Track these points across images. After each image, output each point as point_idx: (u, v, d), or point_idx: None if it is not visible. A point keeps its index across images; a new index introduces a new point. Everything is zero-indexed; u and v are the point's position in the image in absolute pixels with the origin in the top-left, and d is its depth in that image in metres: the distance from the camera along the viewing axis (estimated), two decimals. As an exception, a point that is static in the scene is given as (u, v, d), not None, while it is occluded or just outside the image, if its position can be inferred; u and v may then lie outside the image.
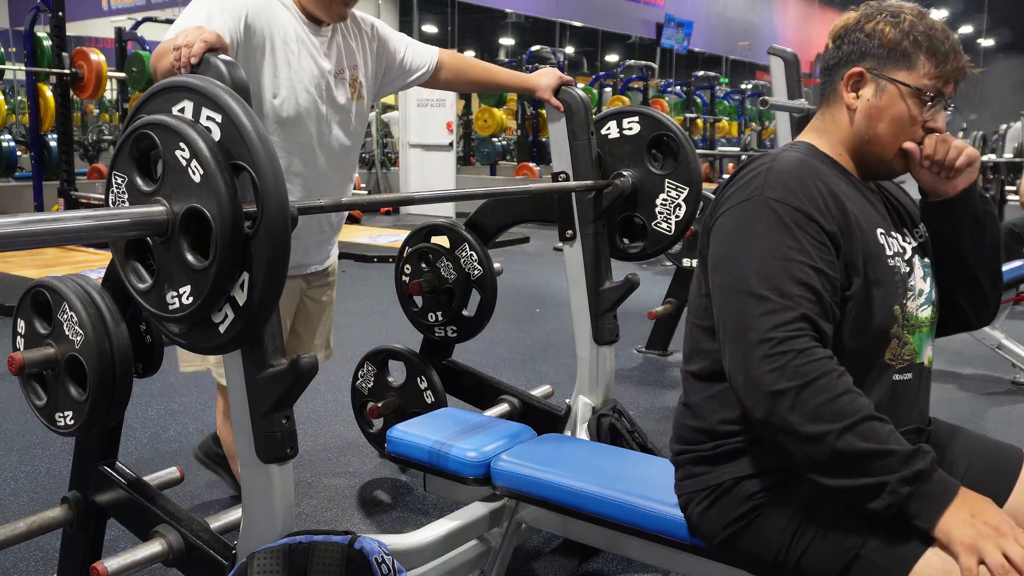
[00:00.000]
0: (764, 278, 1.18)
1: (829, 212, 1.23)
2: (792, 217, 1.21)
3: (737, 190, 1.28)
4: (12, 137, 7.74)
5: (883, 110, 1.30)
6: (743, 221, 1.25)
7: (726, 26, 22.44)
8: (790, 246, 1.19)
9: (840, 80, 1.33)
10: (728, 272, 1.24)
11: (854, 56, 1.31)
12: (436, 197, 2.00)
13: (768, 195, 1.23)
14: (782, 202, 1.22)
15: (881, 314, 1.27)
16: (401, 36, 2.08)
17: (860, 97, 1.31)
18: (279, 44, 1.80)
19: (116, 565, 1.47)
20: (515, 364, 3.93)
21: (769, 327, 1.15)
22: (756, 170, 1.29)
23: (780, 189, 1.23)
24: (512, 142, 12.38)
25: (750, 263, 1.21)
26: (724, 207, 1.29)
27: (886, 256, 1.29)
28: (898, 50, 1.28)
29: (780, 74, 3.35)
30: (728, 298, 1.22)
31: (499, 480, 1.76)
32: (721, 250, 1.27)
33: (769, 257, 1.19)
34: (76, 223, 1.15)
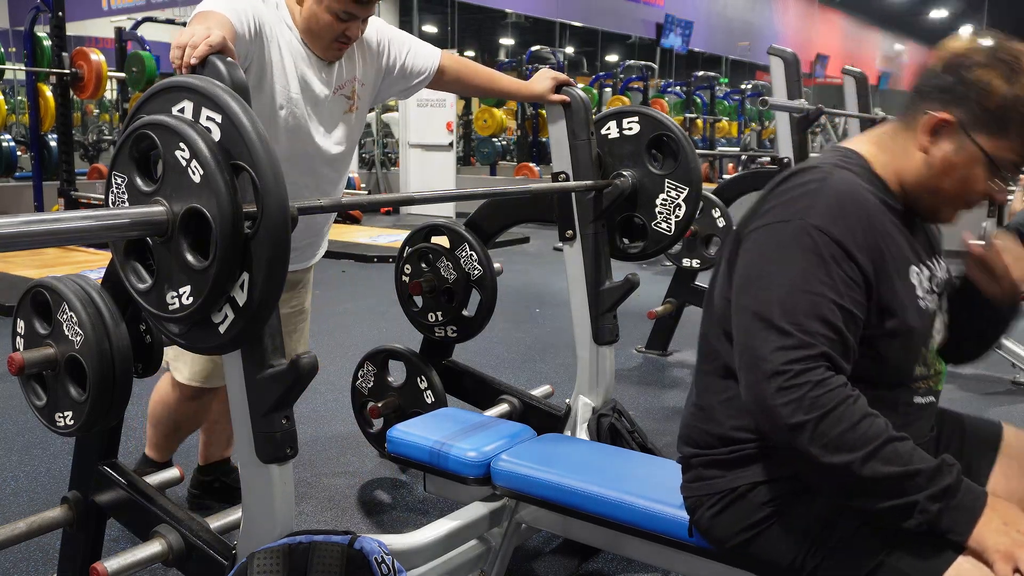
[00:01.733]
0: (789, 312, 1.15)
1: (867, 250, 1.18)
2: (830, 250, 1.16)
3: (779, 205, 1.23)
4: (12, 137, 7.74)
5: (955, 168, 1.23)
6: (779, 244, 1.20)
7: (726, 26, 22.43)
8: (822, 281, 1.15)
9: (923, 115, 1.23)
10: (754, 296, 1.20)
11: (948, 98, 1.21)
12: (436, 197, 2.01)
13: (810, 221, 1.18)
14: (823, 231, 1.17)
15: (908, 356, 1.26)
16: (404, 39, 2.06)
17: (937, 146, 1.23)
18: (287, 59, 1.81)
19: (116, 565, 1.47)
20: (515, 364, 3.93)
21: (785, 360, 1.13)
22: (804, 188, 1.22)
23: (823, 216, 1.18)
24: (512, 142, 12.38)
25: (777, 291, 1.17)
26: (762, 221, 1.23)
27: (917, 298, 1.25)
28: (997, 115, 1.18)
29: (780, 74, 3.35)
30: (750, 324, 1.19)
31: (499, 480, 1.76)
32: (751, 270, 1.23)
33: (798, 289, 1.16)
34: (76, 223, 1.15)
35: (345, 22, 1.79)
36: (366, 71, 1.98)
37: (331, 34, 1.81)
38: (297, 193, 1.89)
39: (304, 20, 1.81)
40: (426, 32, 20.09)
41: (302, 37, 1.84)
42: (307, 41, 1.84)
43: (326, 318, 4.75)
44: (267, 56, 1.79)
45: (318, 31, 1.81)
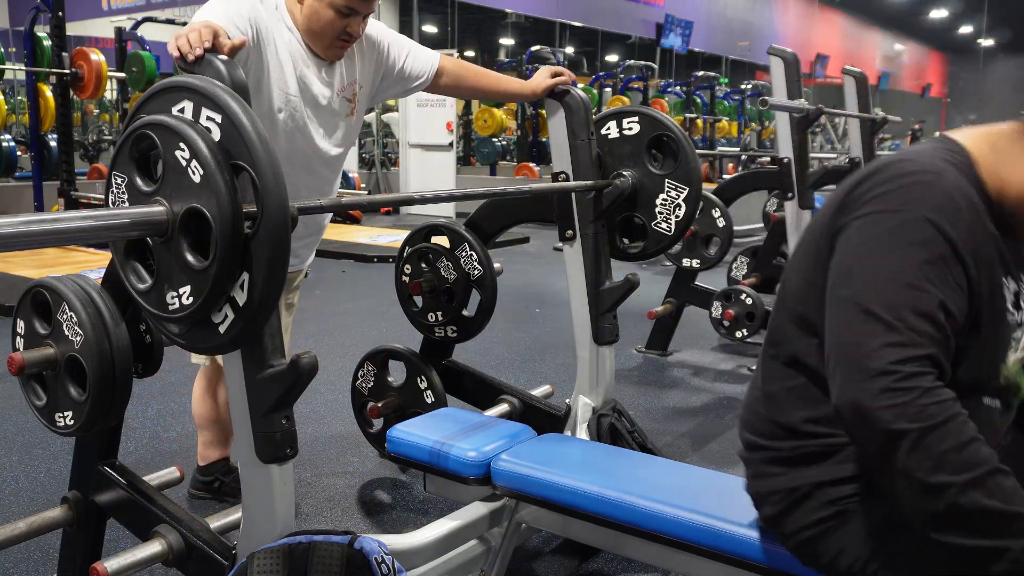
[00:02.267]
0: (897, 305, 1.06)
1: (973, 255, 1.11)
2: (941, 248, 1.09)
3: (886, 193, 1.13)
4: (12, 137, 7.74)
5: None
6: (888, 233, 1.11)
7: (726, 26, 22.43)
8: (932, 278, 1.07)
9: None
10: (856, 286, 1.11)
11: None
12: (436, 197, 2.01)
13: (927, 214, 1.10)
14: (937, 227, 1.09)
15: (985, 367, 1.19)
16: (403, 42, 2.07)
17: None
18: (285, 61, 1.81)
19: (116, 565, 1.47)
20: (515, 364, 3.93)
21: (894, 359, 1.04)
22: (915, 178, 1.13)
23: (940, 211, 1.10)
24: (512, 142, 12.38)
25: (885, 283, 1.09)
26: (866, 209, 1.14)
27: (1006, 311, 1.18)
28: None
29: (780, 74, 3.35)
30: (849, 315, 1.10)
31: (499, 480, 1.76)
32: (853, 259, 1.13)
33: (908, 283, 1.07)
34: (76, 223, 1.15)
35: (347, 17, 1.79)
36: (365, 73, 1.99)
37: (333, 31, 1.81)
38: (295, 194, 1.89)
39: (305, 19, 1.81)
40: (426, 32, 20.09)
41: (303, 38, 1.84)
42: (309, 41, 1.84)
43: (326, 318, 4.75)
44: (265, 59, 1.79)
45: (320, 29, 1.81)
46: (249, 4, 1.76)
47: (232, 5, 1.72)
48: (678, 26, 19.45)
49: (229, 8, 1.70)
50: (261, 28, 1.77)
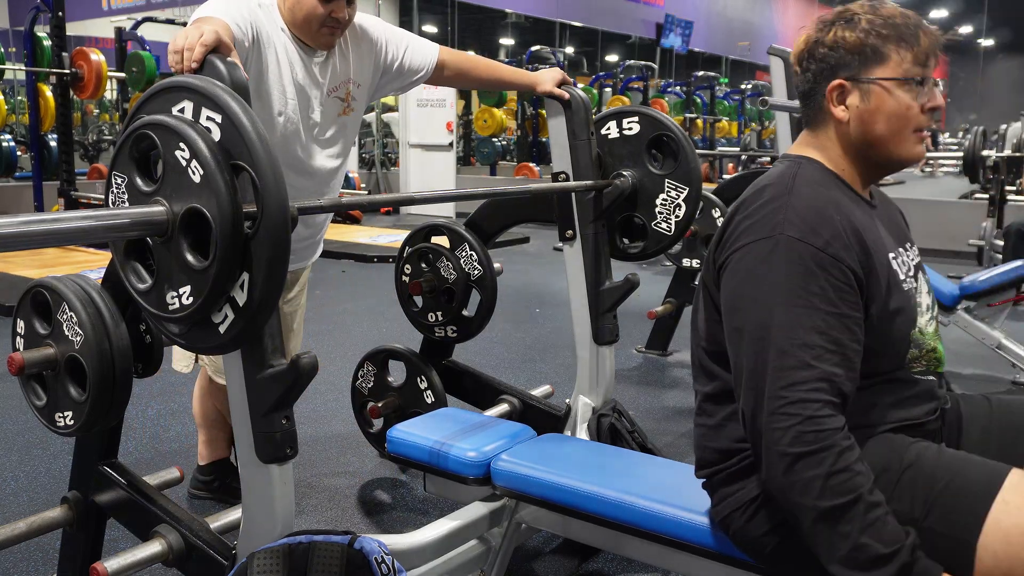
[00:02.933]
0: (784, 328, 1.15)
1: (852, 249, 1.19)
2: (816, 260, 1.16)
3: (753, 224, 1.22)
4: (12, 137, 7.74)
5: (875, 112, 1.26)
6: (762, 261, 1.19)
7: (726, 26, 22.43)
8: (813, 292, 1.15)
9: (823, 98, 1.29)
10: (746, 316, 1.20)
11: (827, 72, 1.28)
12: (436, 197, 2.01)
13: (789, 233, 1.18)
14: (805, 242, 1.17)
15: (900, 340, 1.26)
16: (401, 36, 2.06)
17: (848, 108, 1.27)
18: (283, 64, 1.81)
19: (116, 565, 1.47)
20: (515, 364, 3.93)
21: (784, 384, 1.13)
22: (772, 203, 1.22)
23: (802, 226, 1.18)
24: (512, 142, 12.38)
25: (770, 310, 1.16)
26: (739, 242, 1.23)
27: (901, 282, 1.26)
28: (866, 50, 1.25)
29: (780, 74, 3.35)
30: (746, 345, 1.19)
31: (499, 480, 1.76)
32: (738, 290, 1.22)
33: (791, 305, 1.15)
34: (76, 223, 1.15)
35: (329, 3, 1.78)
36: (362, 71, 1.98)
37: (317, 19, 1.80)
38: (296, 195, 1.90)
39: (289, 11, 1.81)
40: (426, 32, 20.08)
41: (293, 34, 1.84)
42: (297, 33, 1.83)
43: (326, 318, 4.75)
44: (264, 62, 1.79)
45: (304, 19, 1.80)
46: (248, 7, 1.75)
47: (232, 6, 1.71)
48: (678, 26, 19.45)
49: (230, 9, 1.70)
50: (260, 31, 1.77)
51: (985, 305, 3.58)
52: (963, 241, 6.04)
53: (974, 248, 5.83)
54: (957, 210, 7.79)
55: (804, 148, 1.35)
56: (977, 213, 6.49)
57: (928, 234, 7.25)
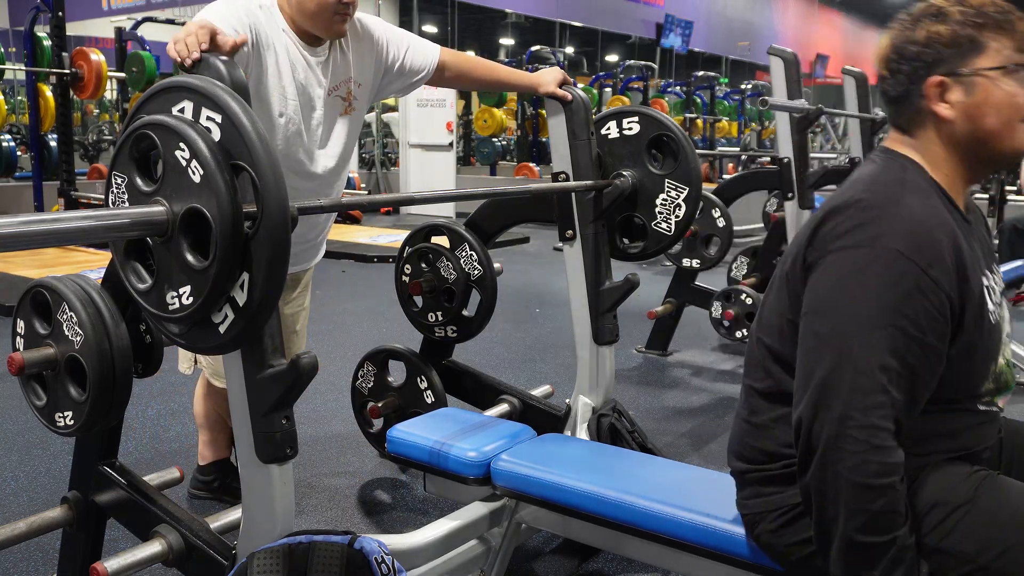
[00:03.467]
0: (868, 346, 1.10)
1: (951, 274, 1.13)
2: (916, 281, 1.10)
3: (855, 227, 1.16)
4: (12, 137, 7.74)
5: (983, 104, 1.19)
6: (859, 270, 1.13)
7: (726, 26, 22.43)
8: (905, 315, 1.10)
9: (921, 99, 1.22)
10: (829, 324, 1.15)
11: (923, 71, 1.20)
12: (436, 197, 2.01)
13: (893, 246, 1.12)
14: (908, 259, 1.11)
15: (979, 374, 1.22)
16: (402, 37, 2.06)
17: (953, 105, 1.20)
18: (284, 65, 1.81)
19: (116, 565, 1.47)
20: (515, 364, 3.93)
21: (857, 406, 1.10)
22: (877, 208, 1.16)
23: (907, 241, 1.12)
24: (512, 142, 12.37)
25: (857, 323, 1.12)
26: (836, 243, 1.17)
27: (989, 312, 1.20)
28: (963, 41, 1.18)
29: (780, 74, 3.35)
30: (823, 351, 1.14)
31: (499, 480, 1.76)
32: (827, 295, 1.16)
33: (880, 324, 1.10)
34: (76, 223, 1.15)
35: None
36: (363, 71, 1.98)
37: (330, 7, 1.79)
38: (298, 197, 1.90)
39: (298, 5, 1.80)
40: (426, 32, 20.08)
41: (300, 31, 1.83)
42: (307, 27, 1.83)
43: (326, 318, 4.75)
44: (264, 64, 1.78)
45: (317, 8, 1.79)
46: (248, 9, 1.75)
47: (231, 9, 1.71)
48: (678, 26, 19.45)
49: (228, 12, 1.70)
50: (260, 33, 1.77)
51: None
52: (963, 241, 6.03)
53: (974, 248, 5.82)
54: (957, 210, 7.77)
55: (904, 148, 1.27)
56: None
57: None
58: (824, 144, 15.86)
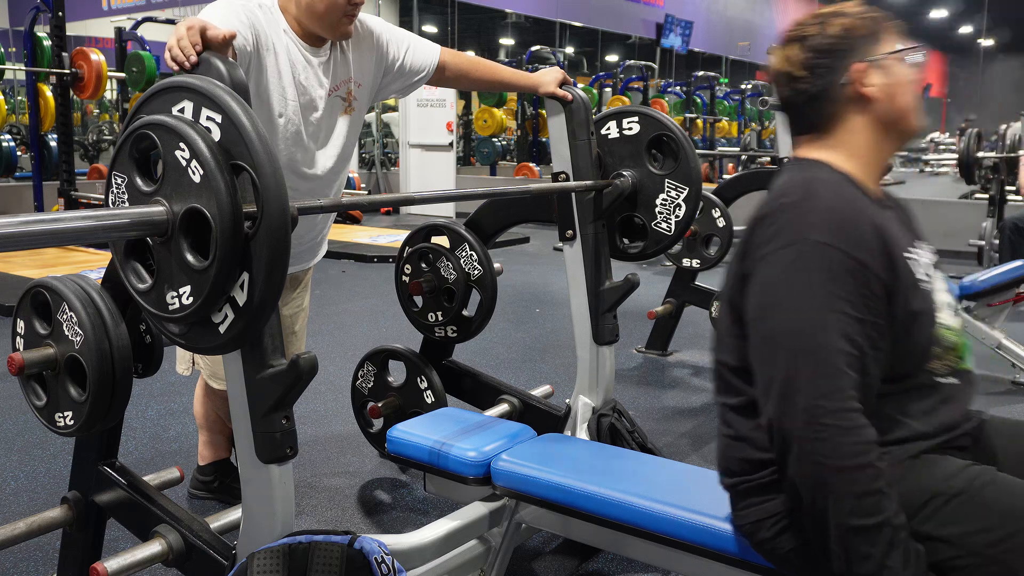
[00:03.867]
0: (817, 335, 1.14)
1: (876, 252, 1.18)
2: (844, 264, 1.16)
3: (776, 232, 1.22)
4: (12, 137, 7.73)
5: (895, 84, 1.29)
6: (789, 268, 1.19)
7: (726, 26, 22.42)
8: (842, 298, 1.15)
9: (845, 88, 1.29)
10: (776, 324, 1.19)
11: (843, 60, 1.28)
12: (436, 197, 2.00)
13: (816, 238, 1.17)
14: (831, 246, 1.16)
15: (923, 340, 1.25)
16: (403, 37, 2.05)
17: (877, 85, 1.28)
18: (284, 66, 1.81)
19: (116, 565, 1.47)
20: (515, 364, 3.93)
21: (821, 393, 1.13)
22: (793, 209, 1.22)
23: (826, 230, 1.18)
24: (512, 142, 12.37)
25: (801, 316, 1.16)
26: (764, 250, 1.22)
27: (919, 281, 1.25)
28: (869, 32, 1.29)
29: (780, 74, 3.34)
30: (776, 351, 1.18)
31: (499, 480, 1.76)
32: (766, 299, 1.21)
33: (822, 311, 1.15)
34: (76, 223, 1.15)
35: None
36: (363, 71, 1.98)
37: (340, 8, 1.79)
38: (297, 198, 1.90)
39: (307, 7, 1.80)
40: (426, 32, 20.08)
41: (303, 32, 1.83)
42: (313, 28, 1.83)
43: (326, 318, 4.75)
44: (264, 64, 1.78)
45: (325, 10, 1.79)
46: (247, 9, 1.75)
47: (232, 10, 1.71)
48: (678, 26, 19.44)
49: (228, 13, 1.70)
50: (261, 33, 1.76)
51: (985, 305, 3.58)
52: (963, 241, 6.04)
53: (974, 248, 5.83)
54: (957, 210, 7.79)
55: (812, 152, 1.34)
56: (977, 213, 6.50)
57: (928, 234, 7.21)
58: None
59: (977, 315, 3.59)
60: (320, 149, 1.93)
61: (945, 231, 7.14)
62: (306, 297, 2.28)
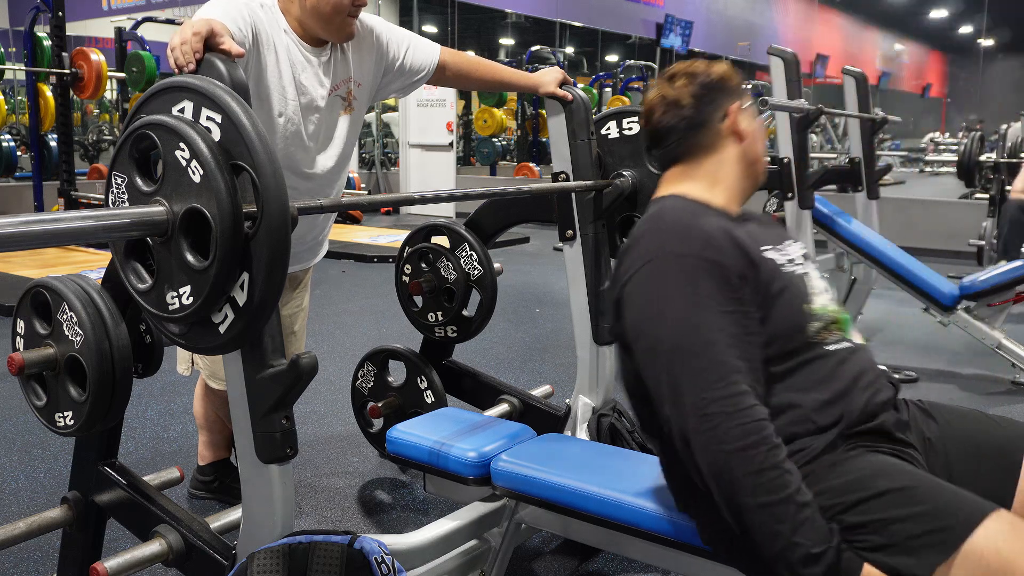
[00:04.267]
0: (689, 334, 1.22)
1: (726, 249, 1.28)
2: (699, 267, 1.25)
3: (636, 256, 1.32)
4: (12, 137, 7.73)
5: (754, 132, 1.47)
6: (652, 281, 1.28)
7: (726, 26, 22.42)
8: (703, 295, 1.24)
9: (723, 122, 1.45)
10: (650, 335, 1.27)
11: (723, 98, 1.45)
12: (436, 197, 2.00)
13: (669, 250, 1.28)
14: (684, 254, 1.27)
15: (794, 312, 1.32)
16: (403, 36, 2.05)
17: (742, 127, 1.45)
18: (284, 65, 1.81)
19: (116, 565, 1.47)
20: (515, 364, 3.93)
21: (704, 386, 1.20)
22: (646, 235, 1.34)
23: (677, 240, 1.29)
24: (512, 142, 12.37)
25: (670, 323, 1.24)
26: (628, 274, 1.32)
27: (780, 267, 1.34)
28: (738, 84, 1.48)
29: (780, 74, 3.35)
30: (658, 361, 1.25)
31: (499, 480, 1.76)
32: (638, 315, 1.30)
33: (689, 312, 1.24)
34: (76, 223, 1.15)
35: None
36: (363, 70, 1.98)
37: (344, 9, 1.79)
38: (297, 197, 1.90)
39: (312, 10, 1.79)
40: (426, 32, 20.08)
41: (304, 33, 1.83)
42: (316, 30, 1.82)
43: (326, 318, 4.75)
44: (264, 63, 1.78)
45: (331, 12, 1.78)
46: (249, 8, 1.75)
47: (232, 6, 1.71)
48: (678, 26, 19.44)
49: (229, 9, 1.69)
50: (261, 32, 1.76)
51: (985, 305, 3.58)
52: (963, 241, 6.04)
53: (974, 248, 5.83)
54: (957, 210, 7.79)
55: (671, 187, 1.48)
56: (977, 213, 6.50)
57: (928, 234, 7.25)
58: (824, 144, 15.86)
59: (977, 315, 3.59)
60: (320, 149, 1.93)
61: (945, 231, 7.15)
62: (305, 297, 2.28)
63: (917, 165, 19.62)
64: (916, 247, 5.21)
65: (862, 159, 4.14)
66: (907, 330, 4.65)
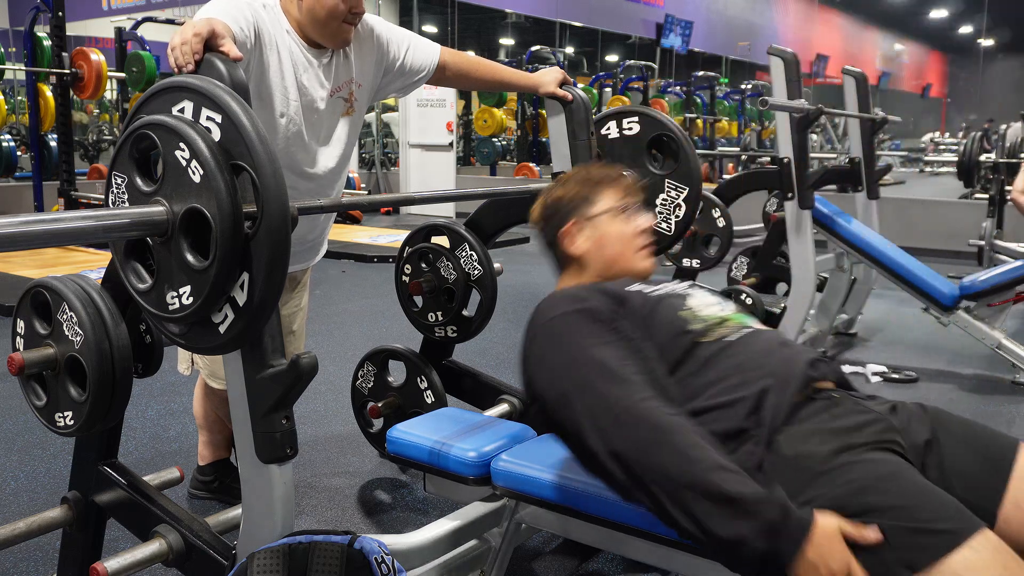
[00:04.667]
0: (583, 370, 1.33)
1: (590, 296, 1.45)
2: (576, 317, 1.40)
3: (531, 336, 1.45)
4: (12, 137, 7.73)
5: (604, 236, 1.62)
6: (542, 348, 1.41)
7: (726, 26, 22.42)
8: (587, 335, 1.37)
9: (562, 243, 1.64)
10: (557, 387, 1.36)
11: (558, 223, 1.64)
12: (436, 197, 2.01)
13: (555, 314, 1.43)
14: (568, 311, 1.42)
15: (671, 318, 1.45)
16: (403, 36, 2.05)
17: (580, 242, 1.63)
18: (286, 65, 1.81)
19: (116, 565, 1.47)
20: (515, 364, 3.91)
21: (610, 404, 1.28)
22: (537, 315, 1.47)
23: (561, 305, 1.44)
24: (512, 142, 12.36)
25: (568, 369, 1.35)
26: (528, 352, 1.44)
27: (648, 294, 1.50)
28: (580, 198, 1.64)
29: (780, 74, 3.35)
30: (570, 404, 1.33)
31: (499, 480, 1.76)
32: (543, 379, 1.39)
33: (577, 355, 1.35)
34: (76, 223, 1.15)
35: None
36: (364, 71, 1.98)
37: (340, 14, 1.79)
38: (298, 197, 1.90)
39: (308, 11, 1.80)
40: (426, 32, 20.08)
41: (304, 35, 1.83)
42: (315, 34, 1.82)
43: (326, 318, 4.75)
44: (266, 63, 1.78)
45: (326, 17, 1.79)
46: (252, 7, 1.75)
47: (234, 6, 1.71)
48: (678, 26, 19.44)
49: (231, 8, 1.69)
50: (263, 32, 1.76)
51: (985, 305, 3.58)
52: (963, 241, 6.04)
53: (974, 248, 5.83)
54: (957, 210, 7.79)
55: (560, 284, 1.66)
56: (977, 213, 6.50)
57: (928, 234, 7.25)
58: (824, 144, 15.87)
59: (977, 315, 3.59)
60: (321, 149, 1.93)
61: (945, 231, 7.15)
62: (304, 297, 2.28)
63: (917, 165, 19.62)
64: (916, 247, 5.20)
65: (862, 159, 4.14)
66: (907, 330, 4.65)
